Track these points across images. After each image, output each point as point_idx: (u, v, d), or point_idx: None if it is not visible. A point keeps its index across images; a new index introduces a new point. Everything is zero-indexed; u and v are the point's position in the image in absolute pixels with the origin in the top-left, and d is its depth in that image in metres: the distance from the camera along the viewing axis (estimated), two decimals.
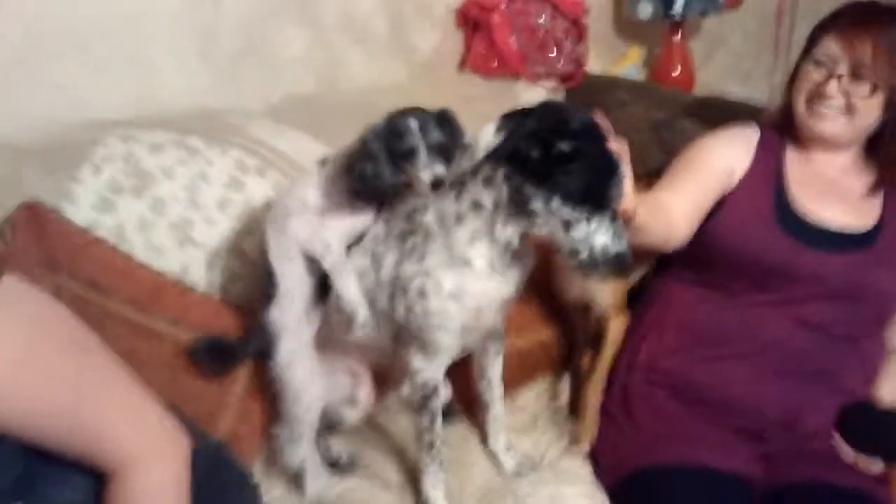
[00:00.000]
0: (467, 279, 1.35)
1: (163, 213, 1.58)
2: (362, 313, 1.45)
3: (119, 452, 1.02)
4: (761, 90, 3.39)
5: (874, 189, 1.65)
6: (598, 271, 1.27)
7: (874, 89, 1.54)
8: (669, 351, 1.66)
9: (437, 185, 1.35)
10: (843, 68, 1.56)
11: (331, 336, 1.54)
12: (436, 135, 1.37)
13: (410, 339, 1.42)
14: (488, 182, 1.31)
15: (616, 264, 1.26)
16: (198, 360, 1.54)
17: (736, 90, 3.25)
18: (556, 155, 1.22)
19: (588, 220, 1.25)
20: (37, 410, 0.96)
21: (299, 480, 1.56)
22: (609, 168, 1.25)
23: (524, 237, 1.34)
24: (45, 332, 0.99)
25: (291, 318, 1.49)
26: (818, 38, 1.60)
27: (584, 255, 1.26)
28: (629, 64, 2.77)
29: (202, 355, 1.54)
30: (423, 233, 1.37)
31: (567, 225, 1.26)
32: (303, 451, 1.53)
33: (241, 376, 1.60)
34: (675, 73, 2.75)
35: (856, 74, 1.55)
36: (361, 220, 1.46)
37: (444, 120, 1.39)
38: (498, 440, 1.65)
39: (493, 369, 1.61)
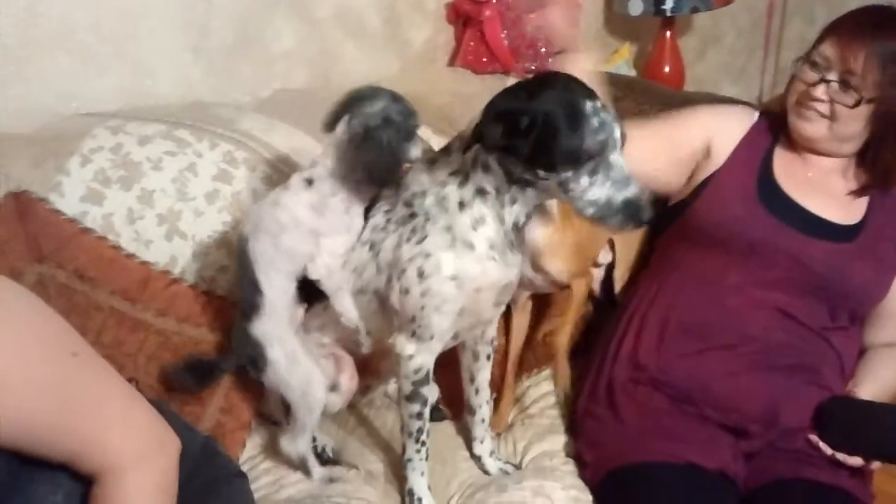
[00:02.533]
0: (467, 261, 1.36)
1: (151, 205, 1.59)
2: (364, 327, 1.48)
3: (105, 458, 1.01)
4: (754, 87, 3.41)
5: (861, 192, 1.64)
6: (613, 223, 1.27)
7: (859, 101, 1.52)
8: (651, 345, 1.65)
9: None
10: (833, 74, 1.54)
11: (315, 323, 1.54)
12: None
13: (404, 325, 1.42)
14: (486, 168, 1.32)
15: (628, 210, 1.25)
16: (178, 378, 1.54)
17: (729, 88, 3.27)
18: (520, 130, 1.23)
19: (576, 177, 1.24)
20: (20, 416, 0.94)
21: (292, 470, 1.56)
22: (574, 123, 1.22)
23: (530, 215, 1.36)
24: (31, 335, 0.97)
25: (281, 325, 1.48)
26: (821, 39, 1.58)
27: (591, 210, 1.26)
28: (620, 60, 2.77)
29: (182, 374, 1.54)
30: (424, 216, 1.38)
31: (564, 187, 1.26)
32: (305, 441, 1.53)
33: None
34: (666, 70, 2.75)
35: (844, 82, 1.53)
36: (355, 234, 1.46)
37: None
38: (482, 444, 1.65)
39: (482, 373, 1.61)
